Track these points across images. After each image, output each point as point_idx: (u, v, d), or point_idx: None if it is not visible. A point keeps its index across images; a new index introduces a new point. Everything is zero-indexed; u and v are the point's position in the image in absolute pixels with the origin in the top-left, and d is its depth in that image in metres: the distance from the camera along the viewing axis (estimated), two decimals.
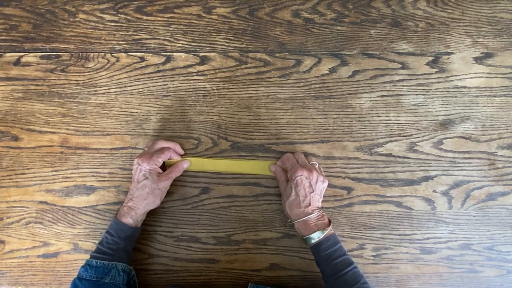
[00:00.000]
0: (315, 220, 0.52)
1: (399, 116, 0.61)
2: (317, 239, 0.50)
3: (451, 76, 0.62)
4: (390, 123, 0.61)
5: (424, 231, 0.59)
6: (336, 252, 0.50)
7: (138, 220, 0.54)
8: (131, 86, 0.62)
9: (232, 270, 0.59)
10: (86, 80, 0.62)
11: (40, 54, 0.63)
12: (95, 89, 0.62)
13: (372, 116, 0.61)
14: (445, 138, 0.60)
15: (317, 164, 0.57)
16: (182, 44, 0.63)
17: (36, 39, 0.63)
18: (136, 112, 0.61)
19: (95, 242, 0.59)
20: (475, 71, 0.62)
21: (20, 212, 0.60)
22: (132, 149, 0.61)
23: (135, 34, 0.63)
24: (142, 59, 0.62)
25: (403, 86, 0.62)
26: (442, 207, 0.59)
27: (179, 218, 0.60)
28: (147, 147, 0.57)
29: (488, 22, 0.63)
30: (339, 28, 0.63)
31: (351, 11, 0.63)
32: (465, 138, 0.61)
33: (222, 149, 0.61)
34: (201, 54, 0.62)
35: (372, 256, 0.59)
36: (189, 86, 0.62)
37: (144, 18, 0.63)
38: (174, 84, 0.62)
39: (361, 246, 0.59)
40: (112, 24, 0.63)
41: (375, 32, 0.63)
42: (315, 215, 0.52)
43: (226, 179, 0.60)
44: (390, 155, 0.60)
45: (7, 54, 0.63)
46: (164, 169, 0.57)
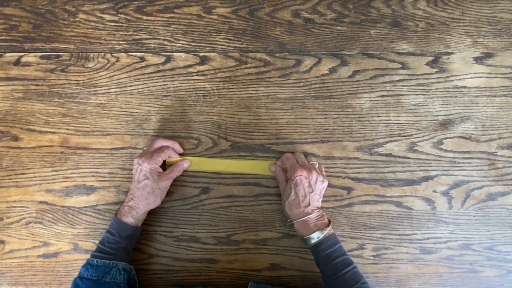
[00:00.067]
0: (315, 220, 0.52)
1: (399, 116, 0.61)
2: (316, 239, 0.50)
3: (451, 76, 0.62)
4: (390, 123, 0.61)
5: (424, 231, 0.59)
6: (336, 252, 0.50)
7: (139, 219, 0.54)
8: (131, 86, 0.62)
9: (232, 270, 0.59)
10: (86, 80, 0.62)
11: (40, 54, 0.63)
12: (95, 89, 0.62)
13: (372, 116, 0.61)
14: (445, 138, 0.60)
15: (317, 164, 0.57)
16: (182, 44, 0.63)
17: (36, 39, 0.63)
18: (136, 112, 0.61)
19: (95, 242, 0.59)
20: (475, 71, 0.62)
21: (20, 212, 0.60)
22: (132, 149, 0.61)
23: (135, 34, 0.63)
24: (142, 59, 0.62)
25: (403, 86, 0.62)
26: (442, 207, 0.59)
27: (179, 218, 0.60)
28: (146, 146, 0.57)
29: (488, 22, 0.63)
30: (339, 28, 0.63)
31: (351, 11, 0.63)
32: (465, 138, 0.61)
33: (222, 149, 0.61)
34: (201, 54, 0.62)
35: (372, 256, 0.59)
36: (189, 86, 0.62)
37: (144, 18, 0.63)
38: (174, 84, 0.62)
39: (361, 246, 0.59)
40: (112, 24, 0.63)
41: (375, 32, 0.63)
42: (314, 215, 0.52)
43: (226, 179, 0.60)
44: (390, 155, 0.60)
45: (7, 54, 0.63)
46: (164, 168, 0.57)
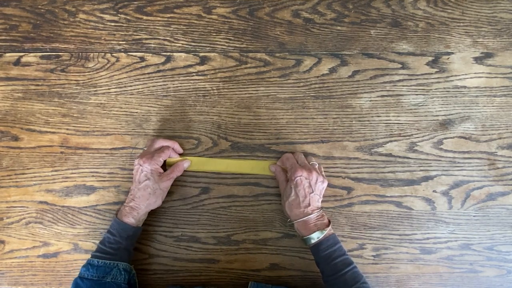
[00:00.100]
0: (315, 220, 0.52)
1: (399, 116, 0.61)
2: (316, 239, 0.50)
3: (451, 76, 0.62)
4: (390, 123, 0.61)
5: (424, 231, 0.59)
6: (336, 252, 0.50)
7: (140, 220, 0.54)
8: (131, 86, 0.62)
9: (232, 270, 0.59)
10: (86, 80, 0.62)
11: (40, 54, 0.63)
12: (95, 89, 0.62)
13: (372, 116, 0.61)
14: (445, 138, 0.60)
15: (317, 164, 0.57)
16: (182, 44, 0.63)
17: (36, 39, 0.63)
18: (136, 112, 0.61)
19: (95, 242, 0.59)
20: (475, 71, 0.62)
21: (20, 212, 0.60)
22: (132, 149, 0.61)
23: (135, 34, 0.63)
24: (142, 59, 0.62)
25: (403, 86, 0.62)
26: (442, 207, 0.59)
27: (179, 218, 0.60)
28: (146, 146, 0.57)
29: (488, 22, 0.63)
30: (339, 28, 0.63)
31: (351, 11, 0.63)
32: (465, 138, 0.61)
33: (222, 149, 0.61)
34: (201, 54, 0.62)
35: (372, 256, 0.59)
36: (189, 86, 0.62)
37: (144, 18, 0.63)
38: (174, 84, 0.62)
39: (361, 246, 0.59)
40: (112, 24, 0.63)
41: (375, 32, 0.63)
42: (314, 215, 0.52)
43: (226, 179, 0.60)
44: (390, 155, 0.60)
45: (7, 54, 0.63)
46: (164, 168, 0.57)
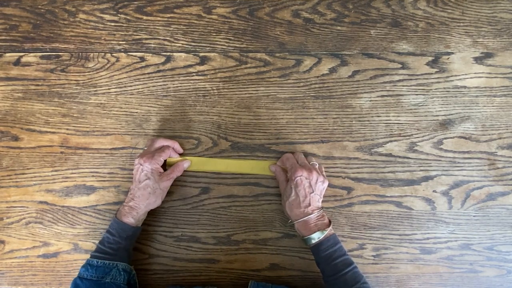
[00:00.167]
0: (315, 220, 0.52)
1: (399, 116, 0.61)
2: (317, 239, 0.50)
3: (451, 76, 0.62)
4: (390, 123, 0.61)
5: (424, 231, 0.59)
6: (336, 252, 0.50)
7: (139, 219, 0.54)
8: (131, 86, 0.62)
9: (232, 270, 0.59)
10: (86, 80, 0.62)
11: (40, 54, 0.63)
12: (95, 89, 0.62)
13: (372, 116, 0.61)
14: (445, 138, 0.60)
15: (317, 164, 0.57)
16: (182, 44, 0.63)
17: (36, 39, 0.63)
18: (136, 112, 0.61)
19: (95, 242, 0.59)
20: (475, 71, 0.62)
21: (20, 212, 0.60)
22: (132, 149, 0.61)
23: (135, 34, 0.63)
24: (142, 59, 0.62)
25: (403, 86, 0.62)
26: (442, 207, 0.59)
27: (179, 218, 0.60)
28: (147, 146, 0.57)
29: (488, 22, 0.63)
30: (339, 28, 0.63)
31: (351, 11, 0.63)
32: (465, 138, 0.61)
33: (222, 149, 0.61)
34: (201, 54, 0.62)
35: (372, 256, 0.59)
36: (189, 86, 0.62)
37: (144, 18, 0.63)
38: (174, 84, 0.62)
39: (361, 246, 0.59)
40: (112, 24, 0.63)
41: (375, 32, 0.63)
42: (315, 215, 0.52)
43: (226, 179, 0.60)
44: (390, 155, 0.60)
45: (7, 54, 0.63)
46: (164, 167, 0.57)
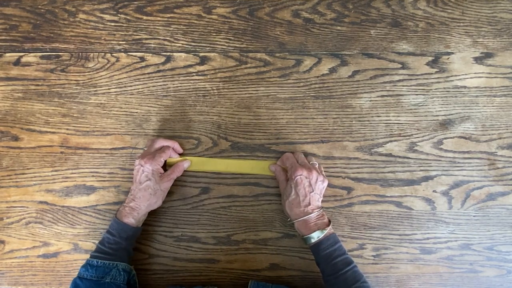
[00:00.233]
0: (315, 219, 0.52)
1: (399, 116, 0.61)
2: (317, 239, 0.50)
3: (451, 76, 0.62)
4: (390, 123, 0.61)
5: (424, 231, 0.59)
6: (336, 252, 0.50)
7: (140, 220, 0.54)
8: (131, 86, 0.62)
9: (232, 270, 0.59)
10: (86, 80, 0.62)
11: (40, 54, 0.63)
12: (95, 89, 0.62)
13: (372, 116, 0.61)
14: (445, 138, 0.60)
15: (317, 164, 0.57)
16: (182, 44, 0.63)
17: (36, 39, 0.63)
18: (136, 112, 0.61)
19: (95, 242, 0.59)
20: (475, 71, 0.62)
21: (20, 212, 0.60)
22: (132, 149, 0.61)
23: (135, 34, 0.63)
24: (142, 59, 0.62)
25: (403, 86, 0.62)
26: (442, 207, 0.59)
27: (179, 218, 0.60)
28: (147, 147, 0.57)
29: (488, 22, 0.63)
30: (339, 28, 0.63)
31: (351, 11, 0.63)
32: (465, 138, 0.61)
33: (222, 149, 0.61)
34: (201, 54, 0.62)
35: (372, 256, 0.59)
36: (189, 86, 0.62)
37: (144, 18, 0.63)
38: (174, 84, 0.62)
39: (361, 246, 0.59)
40: (112, 24, 0.63)
41: (375, 32, 0.63)
42: (315, 214, 0.52)
43: (226, 179, 0.60)
44: (390, 155, 0.60)
45: (7, 54, 0.63)
46: (164, 168, 0.57)
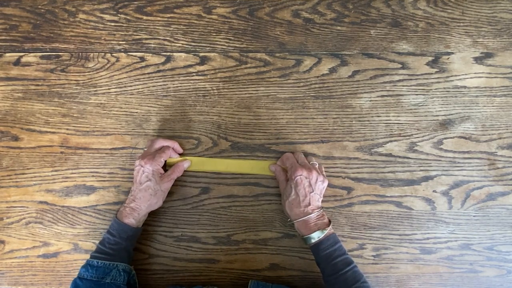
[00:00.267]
0: (315, 219, 0.52)
1: (399, 116, 0.61)
2: (317, 239, 0.50)
3: (451, 76, 0.62)
4: (390, 123, 0.61)
5: (424, 231, 0.59)
6: (336, 252, 0.50)
7: (140, 220, 0.54)
8: (131, 86, 0.62)
9: (232, 270, 0.59)
10: (86, 80, 0.62)
11: (40, 54, 0.63)
12: (95, 89, 0.62)
13: (372, 116, 0.61)
14: (445, 138, 0.60)
15: (317, 164, 0.57)
16: (182, 44, 0.63)
17: (36, 39, 0.63)
18: (136, 112, 0.61)
19: (95, 242, 0.59)
20: (475, 71, 0.62)
21: (20, 212, 0.60)
22: (132, 149, 0.61)
23: (135, 34, 0.63)
24: (142, 59, 0.62)
25: (403, 86, 0.62)
26: (442, 207, 0.59)
27: (179, 218, 0.60)
28: (146, 147, 0.57)
29: (488, 22, 0.63)
30: (339, 28, 0.63)
31: (351, 11, 0.63)
32: (465, 138, 0.61)
33: (222, 149, 0.61)
34: (201, 54, 0.62)
35: (372, 256, 0.59)
36: (189, 86, 0.62)
37: (144, 18, 0.63)
38: (174, 84, 0.62)
39: (361, 246, 0.59)
40: (112, 24, 0.63)
41: (375, 32, 0.63)
42: (315, 214, 0.52)
43: (226, 179, 0.60)
44: (390, 155, 0.60)
45: (7, 54, 0.63)
46: (165, 168, 0.57)
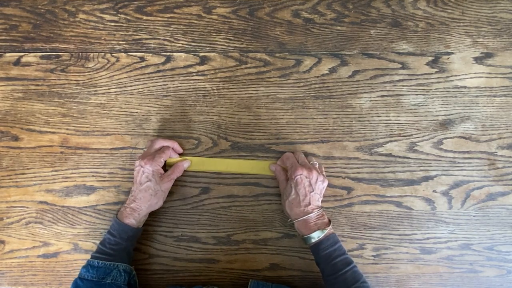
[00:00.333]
0: (315, 219, 0.52)
1: (399, 116, 0.61)
2: (317, 239, 0.50)
3: (451, 76, 0.62)
4: (390, 123, 0.61)
5: (424, 231, 0.59)
6: (336, 252, 0.50)
7: (141, 221, 0.54)
8: (131, 86, 0.62)
9: (232, 270, 0.59)
10: (86, 80, 0.62)
11: (40, 54, 0.63)
12: (95, 89, 0.62)
13: (372, 116, 0.61)
14: (445, 138, 0.61)
15: (317, 164, 0.57)
16: (182, 44, 0.63)
17: (36, 39, 0.63)
18: (136, 112, 0.61)
19: (95, 242, 0.59)
20: (475, 71, 0.62)
21: (20, 212, 0.60)
22: (132, 149, 0.61)
23: (135, 34, 0.63)
24: (142, 59, 0.62)
25: (403, 86, 0.62)
26: (442, 207, 0.59)
27: (179, 218, 0.60)
28: (147, 147, 0.57)
29: (488, 22, 0.63)
30: (339, 28, 0.63)
31: (351, 11, 0.63)
32: (465, 138, 0.61)
33: (222, 149, 0.61)
34: (201, 54, 0.62)
35: (372, 256, 0.59)
36: (189, 86, 0.62)
37: (144, 18, 0.63)
38: (174, 84, 0.62)
39: (361, 246, 0.59)
40: (112, 24, 0.63)
41: (375, 32, 0.63)
42: (315, 214, 0.52)
43: (226, 179, 0.60)
44: (390, 155, 0.60)
45: (7, 54, 0.63)
46: (165, 168, 0.57)
